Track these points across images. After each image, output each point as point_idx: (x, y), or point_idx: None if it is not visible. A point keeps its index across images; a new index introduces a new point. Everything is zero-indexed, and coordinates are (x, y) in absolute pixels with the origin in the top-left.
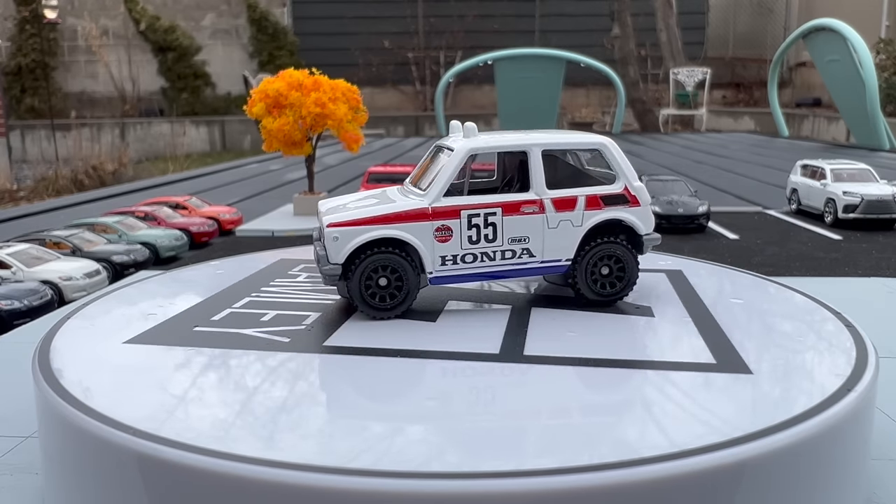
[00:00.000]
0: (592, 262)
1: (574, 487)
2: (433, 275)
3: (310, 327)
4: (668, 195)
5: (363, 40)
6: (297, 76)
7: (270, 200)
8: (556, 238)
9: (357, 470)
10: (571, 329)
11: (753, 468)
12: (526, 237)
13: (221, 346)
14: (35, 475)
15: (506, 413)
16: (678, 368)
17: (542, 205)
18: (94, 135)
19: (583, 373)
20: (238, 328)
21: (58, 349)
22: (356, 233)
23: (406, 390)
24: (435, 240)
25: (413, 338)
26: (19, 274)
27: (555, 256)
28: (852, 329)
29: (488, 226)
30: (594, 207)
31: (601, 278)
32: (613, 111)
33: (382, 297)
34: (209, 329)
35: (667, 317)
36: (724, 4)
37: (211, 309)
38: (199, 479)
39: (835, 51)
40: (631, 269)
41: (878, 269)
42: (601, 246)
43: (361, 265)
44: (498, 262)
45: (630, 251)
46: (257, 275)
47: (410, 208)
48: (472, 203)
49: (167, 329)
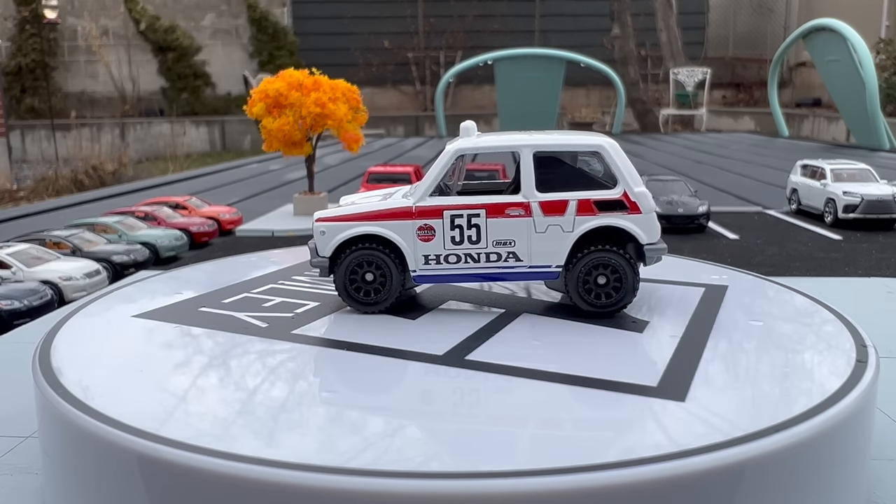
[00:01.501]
0: (585, 270)
1: (574, 488)
2: (417, 273)
3: (294, 315)
4: (668, 195)
5: (363, 40)
6: (297, 76)
7: (270, 200)
8: (545, 243)
9: (357, 470)
10: (538, 338)
11: (754, 468)
12: (511, 240)
13: (208, 327)
14: (35, 475)
15: (395, 410)
16: (607, 388)
17: (529, 208)
18: (94, 135)
19: (504, 381)
20: (236, 311)
21: (58, 349)
22: (341, 228)
23: (319, 380)
24: (418, 239)
25: (375, 333)
26: (19, 274)
27: (544, 262)
28: (852, 329)
29: (472, 227)
30: (587, 213)
31: (596, 288)
32: (613, 111)
33: (367, 291)
34: (215, 310)
35: (656, 334)
36: (724, 4)
37: (223, 294)
38: (199, 479)
39: (835, 51)
40: (628, 279)
41: (878, 269)
42: (595, 254)
43: (346, 260)
44: (483, 265)
45: (627, 260)
46: (281, 269)
47: (395, 207)
48: (455, 203)
49: (174, 309)
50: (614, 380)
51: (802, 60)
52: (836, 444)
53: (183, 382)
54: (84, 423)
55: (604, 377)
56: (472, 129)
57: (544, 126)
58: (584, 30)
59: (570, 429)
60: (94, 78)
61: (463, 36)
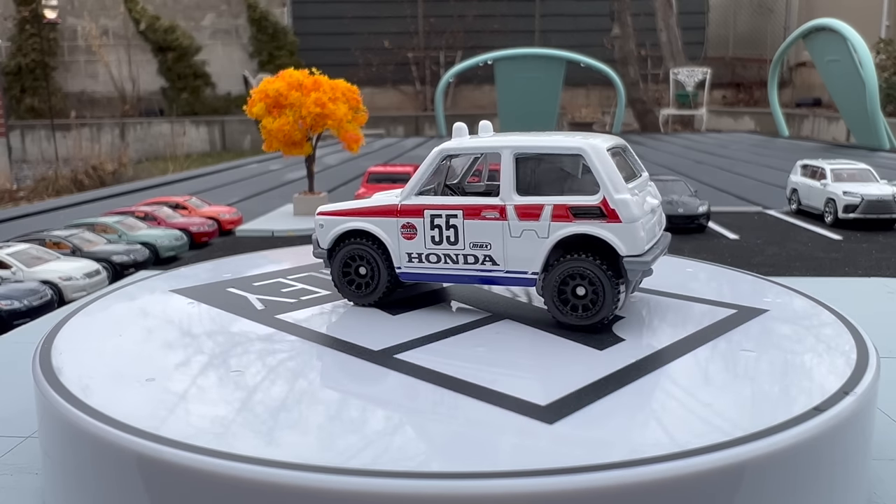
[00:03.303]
0: (560, 279)
1: (574, 488)
2: (402, 270)
3: (296, 300)
4: (668, 195)
5: (363, 40)
6: (297, 76)
7: (270, 200)
8: (520, 248)
9: (356, 470)
10: (487, 344)
11: (754, 469)
12: (487, 243)
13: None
14: (35, 475)
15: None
16: (486, 398)
17: (504, 211)
18: (94, 135)
19: (397, 379)
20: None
21: (58, 349)
22: (337, 222)
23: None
24: (401, 236)
25: (334, 323)
26: (19, 274)
27: (519, 268)
28: (853, 329)
29: (450, 228)
30: (562, 219)
31: (573, 299)
32: (613, 111)
33: (359, 285)
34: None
35: (617, 353)
36: (724, 4)
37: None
38: (198, 479)
39: (835, 51)
40: (606, 293)
41: (878, 269)
42: (569, 262)
43: (339, 253)
44: (461, 266)
45: (604, 272)
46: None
47: (384, 204)
48: (435, 203)
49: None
50: (504, 392)
51: (802, 60)
52: (836, 444)
53: (183, 381)
54: (84, 423)
55: (494, 388)
56: (464, 130)
57: (545, 126)
58: (584, 30)
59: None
60: (94, 78)
61: (463, 36)
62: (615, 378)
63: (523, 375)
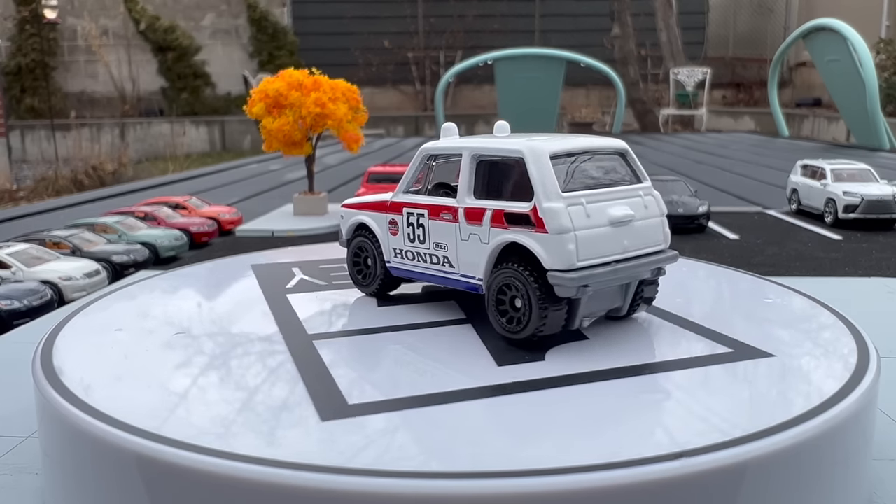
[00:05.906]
0: (496, 288)
1: (574, 488)
2: (389, 264)
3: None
4: (668, 195)
5: (363, 40)
6: (297, 76)
7: (270, 200)
8: (468, 252)
9: (357, 470)
10: (425, 342)
11: (755, 469)
12: (445, 244)
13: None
14: (35, 475)
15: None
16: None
17: (457, 213)
18: (94, 135)
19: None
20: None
21: (58, 349)
22: (350, 215)
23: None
24: (389, 232)
25: (312, 308)
26: (19, 274)
27: (469, 272)
28: (853, 329)
29: (419, 227)
30: (499, 225)
31: (511, 311)
32: (613, 111)
33: (364, 274)
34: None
35: (510, 373)
36: (724, 4)
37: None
38: (199, 479)
39: (835, 51)
40: (532, 307)
41: (878, 269)
42: (502, 272)
43: (352, 244)
44: (428, 265)
45: (530, 283)
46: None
47: (380, 199)
48: (411, 202)
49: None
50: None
51: (802, 60)
52: (837, 444)
53: (183, 381)
54: (84, 423)
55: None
56: (453, 129)
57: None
58: (584, 30)
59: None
60: (93, 78)
61: (463, 36)
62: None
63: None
